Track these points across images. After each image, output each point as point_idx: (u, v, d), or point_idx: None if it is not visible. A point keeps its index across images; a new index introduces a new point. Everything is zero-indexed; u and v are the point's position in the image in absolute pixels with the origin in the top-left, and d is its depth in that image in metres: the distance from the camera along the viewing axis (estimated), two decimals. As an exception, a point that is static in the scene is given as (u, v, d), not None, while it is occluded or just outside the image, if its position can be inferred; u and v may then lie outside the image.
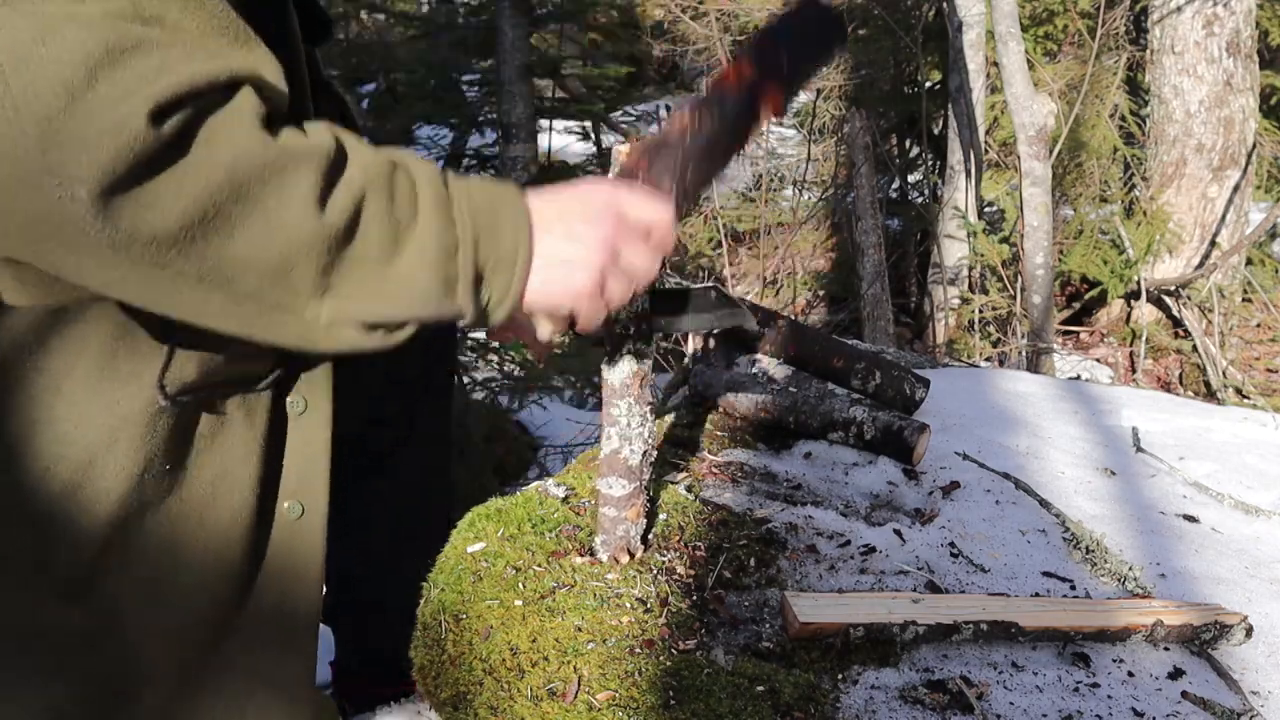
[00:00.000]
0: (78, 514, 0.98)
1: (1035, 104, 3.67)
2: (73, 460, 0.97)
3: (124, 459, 0.99)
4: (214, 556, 1.10)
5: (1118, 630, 1.10)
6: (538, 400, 3.77)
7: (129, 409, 0.98)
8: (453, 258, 0.82)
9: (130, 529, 1.02)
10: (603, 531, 1.18)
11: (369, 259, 0.79)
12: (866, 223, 4.43)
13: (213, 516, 1.09)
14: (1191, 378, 4.74)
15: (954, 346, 4.62)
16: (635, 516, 1.17)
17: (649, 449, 1.15)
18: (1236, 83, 4.86)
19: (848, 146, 4.84)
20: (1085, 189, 5.36)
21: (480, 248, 0.84)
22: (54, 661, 1.01)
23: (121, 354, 0.97)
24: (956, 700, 0.99)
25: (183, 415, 1.03)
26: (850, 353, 1.69)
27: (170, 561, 1.06)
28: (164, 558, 1.06)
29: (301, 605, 1.18)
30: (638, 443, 1.13)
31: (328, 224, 0.76)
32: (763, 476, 1.46)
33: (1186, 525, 1.44)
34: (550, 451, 3.62)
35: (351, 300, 0.80)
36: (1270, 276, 5.18)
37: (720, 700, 0.96)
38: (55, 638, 1.01)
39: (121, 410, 0.98)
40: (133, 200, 0.70)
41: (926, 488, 1.48)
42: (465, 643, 1.10)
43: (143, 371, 0.98)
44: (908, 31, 5.54)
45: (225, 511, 1.10)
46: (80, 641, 1.03)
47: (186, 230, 0.73)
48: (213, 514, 1.09)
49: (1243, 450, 1.77)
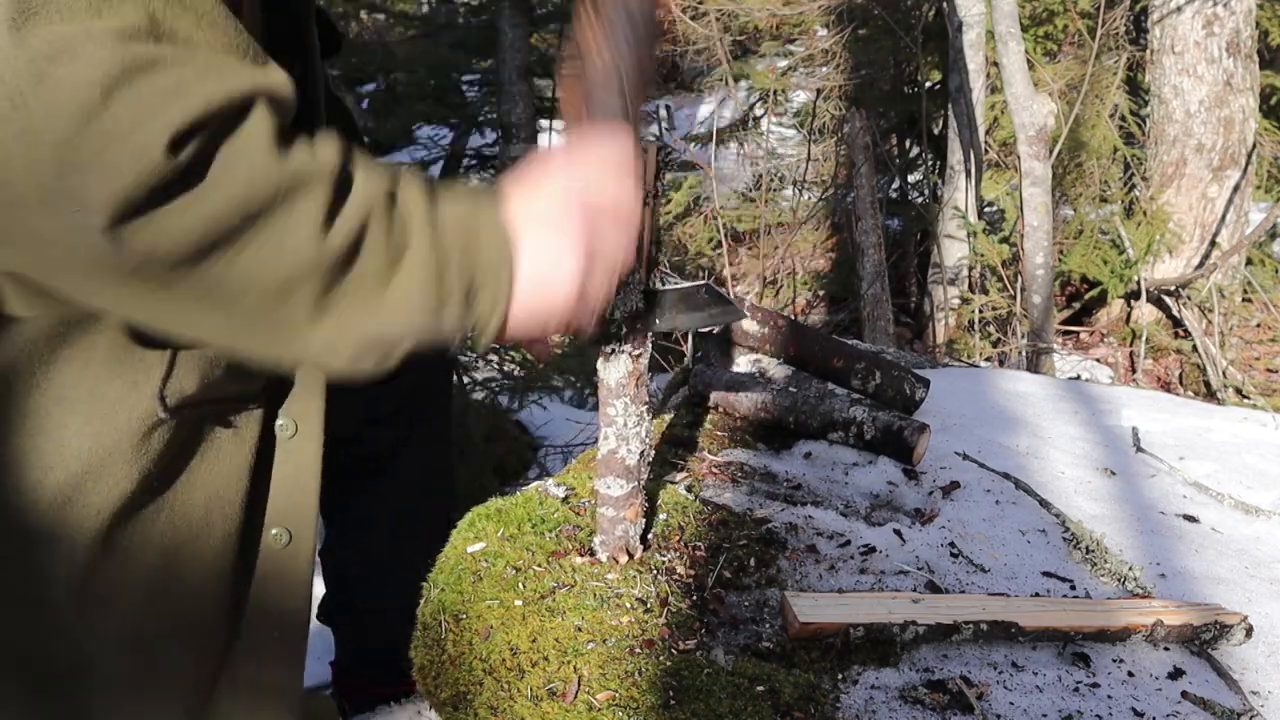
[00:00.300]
0: (68, 529, 0.96)
1: (1035, 104, 3.67)
2: (68, 472, 0.95)
3: (118, 474, 0.98)
4: (200, 581, 1.08)
5: (1118, 630, 1.10)
6: (538, 400, 3.77)
7: (128, 419, 0.97)
8: (443, 277, 0.83)
9: (120, 547, 1.00)
10: (602, 531, 1.18)
11: (367, 283, 0.80)
12: (866, 223, 4.43)
13: (204, 542, 1.08)
14: (1191, 378, 4.74)
15: (954, 346, 4.62)
16: (634, 516, 1.17)
17: (646, 448, 1.15)
18: (1236, 83, 4.86)
19: (848, 146, 4.84)
20: (1085, 189, 5.36)
21: (465, 265, 0.84)
22: (36, 681, 1.00)
23: (126, 362, 0.96)
24: (956, 700, 0.99)
25: (178, 431, 1.02)
26: (850, 353, 1.69)
27: (160, 585, 1.05)
28: (154, 579, 1.04)
29: (289, 633, 1.17)
30: (635, 442, 1.13)
31: (331, 248, 0.76)
32: (763, 476, 1.46)
33: (1186, 525, 1.44)
34: (550, 451, 3.62)
35: (348, 322, 0.80)
36: (1270, 276, 5.18)
37: (720, 700, 0.96)
38: (39, 661, 1.00)
39: (120, 420, 0.97)
40: (146, 226, 0.70)
41: (926, 488, 1.48)
42: (465, 643, 1.10)
43: (144, 381, 0.97)
44: (908, 31, 5.54)
45: (216, 537, 1.09)
46: (64, 667, 1.02)
47: (196, 254, 0.72)
48: (205, 539, 1.08)
49: (1243, 450, 1.77)
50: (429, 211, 0.83)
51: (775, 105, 6.86)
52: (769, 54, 7.00)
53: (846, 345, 1.72)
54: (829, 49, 6.11)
